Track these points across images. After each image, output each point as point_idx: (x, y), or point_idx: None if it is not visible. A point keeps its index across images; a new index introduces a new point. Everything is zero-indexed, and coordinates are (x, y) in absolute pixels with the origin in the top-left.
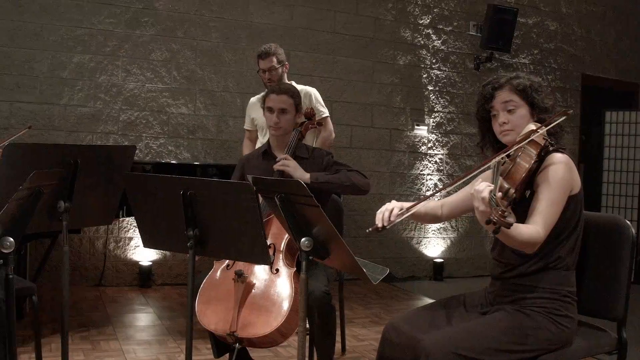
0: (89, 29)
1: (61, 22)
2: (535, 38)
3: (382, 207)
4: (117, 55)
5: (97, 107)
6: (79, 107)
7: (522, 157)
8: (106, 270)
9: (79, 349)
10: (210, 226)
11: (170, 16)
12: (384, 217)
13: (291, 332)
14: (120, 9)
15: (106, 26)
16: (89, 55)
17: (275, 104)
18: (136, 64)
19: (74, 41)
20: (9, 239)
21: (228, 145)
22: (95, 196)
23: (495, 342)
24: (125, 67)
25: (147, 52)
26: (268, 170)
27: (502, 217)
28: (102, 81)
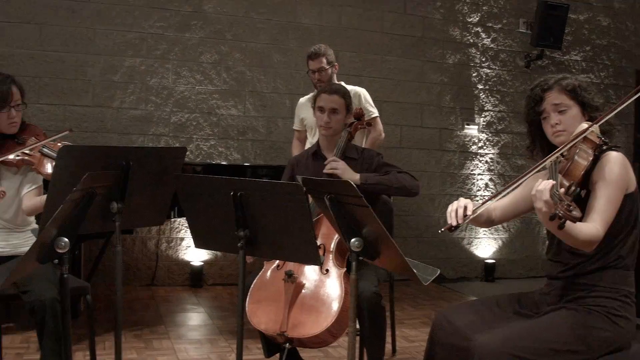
0: (139, 33)
1: (113, 27)
2: (587, 34)
3: (452, 205)
4: (168, 58)
5: (149, 110)
6: (131, 109)
7: (579, 154)
8: (158, 270)
9: (132, 347)
10: (260, 227)
11: (219, 19)
12: (458, 215)
13: (341, 333)
14: (170, 13)
15: (156, 30)
16: (140, 58)
17: (326, 103)
18: (186, 67)
19: (125, 45)
20: (63, 239)
21: (278, 146)
22: (146, 197)
23: (554, 342)
24: (175, 69)
25: (196, 54)
26: (318, 171)
27: (567, 210)
28: (153, 84)
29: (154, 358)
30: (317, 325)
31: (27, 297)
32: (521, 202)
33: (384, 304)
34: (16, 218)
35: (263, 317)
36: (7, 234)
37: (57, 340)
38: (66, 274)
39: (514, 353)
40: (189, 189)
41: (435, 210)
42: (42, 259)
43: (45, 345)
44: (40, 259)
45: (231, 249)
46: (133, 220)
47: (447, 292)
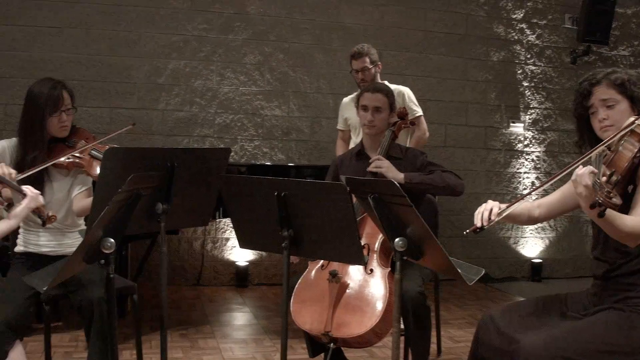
0: (183, 36)
1: (157, 30)
2: (635, 29)
3: (480, 207)
4: (211, 60)
5: (193, 111)
6: (176, 111)
7: (624, 145)
8: (204, 271)
9: (178, 346)
10: (304, 227)
11: (262, 20)
12: (484, 217)
13: (386, 333)
14: (213, 15)
15: (200, 32)
16: (184, 61)
17: (369, 102)
18: (230, 68)
19: (169, 48)
20: (109, 239)
21: (322, 146)
22: (191, 198)
23: (600, 343)
24: (219, 71)
25: (240, 56)
26: (362, 171)
27: (607, 197)
28: (197, 86)
29: (199, 357)
30: (362, 325)
31: (75, 296)
32: (569, 198)
33: (429, 304)
34: (66, 219)
35: (307, 317)
36: (57, 234)
37: (104, 339)
38: (112, 274)
39: (559, 354)
40: (233, 190)
41: None
42: (88, 259)
43: (92, 344)
44: (86, 260)
45: (275, 249)
46: (178, 221)
47: (494, 292)
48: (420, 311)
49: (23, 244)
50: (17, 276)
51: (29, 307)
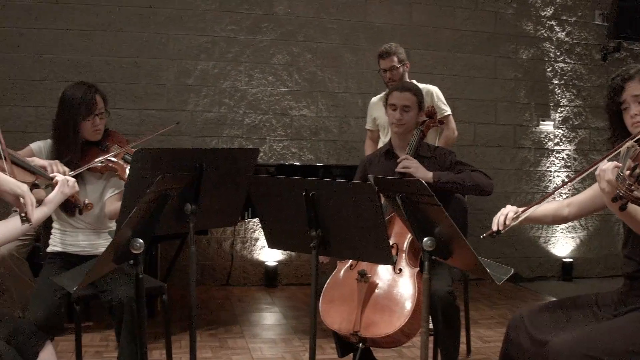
0: (211, 37)
1: (185, 32)
2: None
3: (500, 211)
4: (240, 61)
5: (222, 112)
6: (205, 112)
7: None
8: (233, 271)
9: (207, 346)
10: (332, 226)
11: (290, 20)
12: (499, 221)
13: (415, 333)
14: (241, 16)
15: (228, 33)
16: (213, 62)
17: (398, 101)
18: (258, 69)
19: (198, 49)
20: (138, 240)
21: (350, 146)
22: (220, 198)
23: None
24: (247, 72)
25: (268, 56)
26: (390, 170)
27: (629, 190)
28: (226, 86)
29: (228, 357)
30: (390, 325)
31: (105, 296)
32: (596, 198)
33: (458, 303)
34: (98, 221)
35: (336, 316)
36: (89, 235)
37: (134, 338)
38: (141, 274)
39: (589, 354)
40: (262, 190)
41: None
42: (117, 259)
43: (122, 343)
44: (116, 260)
45: (304, 249)
46: (207, 221)
47: (524, 292)
48: (449, 311)
49: (55, 244)
50: (49, 276)
51: (60, 307)
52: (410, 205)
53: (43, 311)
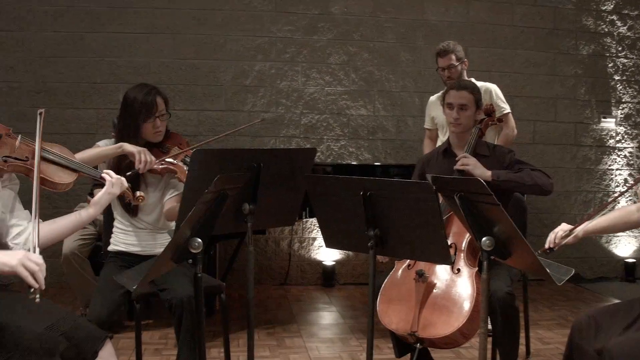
0: (268, 38)
1: (242, 33)
2: None
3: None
4: (297, 61)
5: (279, 112)
6: (262, 112)
7: None
8: (291, 270)
9: (265, 345)
10: (390, 226)
11: (346, 20)
12: (550, 239)
13: (473, 333)
14: (297, 17)
15: (285, 34)
16: (270, 62)
17: (455, 99)
18: (315, 69)
19: (255, 50)
20: (197, 239)
21: (408, 145)
22: (277, 198)
23: None
24: (304, 72)
25: (325, 56)
26: (448, 169)
27: None
28: (283, 87)
29: (286, 356)
30: (449, 325)
31: (165, 294)
32: None
33: (518, 304)
34: (158, 221)
35: (394, 316)
36: (148, 234)
37: (193, 336)
38: (200, 274)
39: None
40: (319, 189)
41: (570, 207)
42: (176, 258)
43: (182, 341)
44: (175, 259)
45: (361, 248)
46: (264, 220)
47: (585, 293)
48: (508, 311)
49: (116, 243)
50: (110, 275)
51: (121, 305)
52: (469, 204)
53: (104, 309)
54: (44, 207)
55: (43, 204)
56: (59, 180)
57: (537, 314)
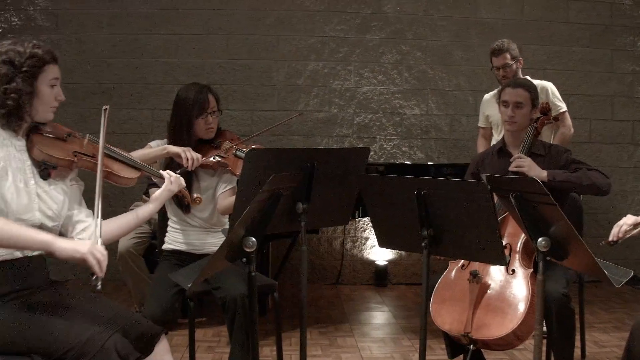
0: (321, 37)
1: (295, 33)
2: None
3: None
4: (349, 61)
5: (332, 112)
6: (315, 112)
7: None
8: (343, 269)
9: (317, 344)
10: (444, 226)
11: (399, 19)
12: (614, 232)
13: (527, 335)
14: (350, 16)
15: (337, 33)
16: (322, 62)
17: (510, 97)
18: (368, 68)
19: (307, 50)
20: (251, 238)
21: (461, 144)
22: (331, 198)
23: None
24: (357, 71)
25: (377, 55)
26: (503, 169)
27: None
28: (335, 86)
29: (337, 355)
30: (503, 327)
31: (219, 293)
32: None
33: (573, 306)
34: (211, 218)
35: (447, 317)
36: (202, 232)
37: (246, 334)
38: (253, 273)
39: None
40: (373, 189)
41: (628, 208)
42: (230, 257)
43: (235, 339)
44: (229, 258)
45: (415, 248)
46: (318, 220)
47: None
48: (563, 313)
49: (170, 241)
50: (164, 273)
51: (175, 303)
52: (525, 204)
53: (159, 307)
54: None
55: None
56: (124, 175)
57: (593, 317)
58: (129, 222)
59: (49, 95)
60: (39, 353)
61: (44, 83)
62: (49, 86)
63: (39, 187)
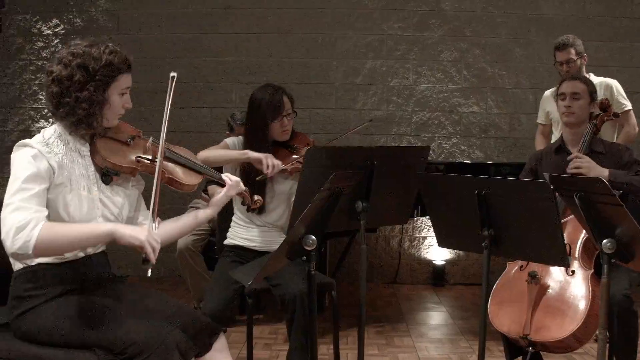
0: (379, 35)
1: (353, 31)
2: None
3: None
4: (407, 59)
5: (390, 110)
6: (373, 110)
7: None
8: (401, 269)
9: (374, 343)
10: (505, 226)
11: (457, 16)
12: None
13: (587, 338)
14: (408, 14)
15: (395, 31)
16: (380, 60)
17: (567, 89)
18: (426, 66)
19: (365, 48)
20: (311, 237)
21: (521, 143)
22: (391, 196)
23: None
24: (415, 69)
25: (436, 53)
26: (562, 167)
27: None
28: (394, 84)
29: (394, 355)
30: (562, 329)
31: (278, 290)
32: None
33: (636, 308)
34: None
35: (506, 319)
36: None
37: (304, 332)
38: (313, 271)
39: None
40: (433, 188)
41: None
42: (291, 255)
43: (294, 337)
44: (289, 256)
45: (475, 248)
46: (377, 219)
47: None
48: (626, 316)
49: (233, 237)
50: (225, 270)
51: (234, 299)
52: (589, 205)
53: (218, 303)
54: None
55: (160, 200)
56: (186, 182)
57: None
58: (186, 224)
59: (118, 103)
60: (101, 348)
61: (116, 92)
62: (120, 95)
63: (101, 192)
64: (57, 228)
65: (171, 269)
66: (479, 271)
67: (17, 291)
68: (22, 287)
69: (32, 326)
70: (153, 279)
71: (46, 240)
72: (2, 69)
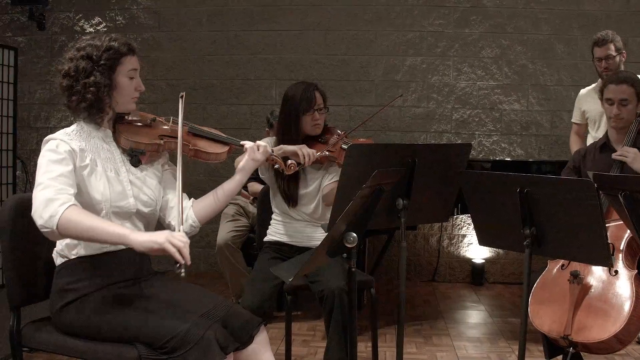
0: (419, 32)
1: (393, 28)
2: None
3: None
4: (448, 55)
5: (430, 107)
6: (413, 107)
7: None
8: (439, 267)
9: (412, 341)
10: (547, 225)
11: (499, 12)
12: None
13: (630, 340)
14: (448, 10)
15: (436, 27)
16: (421, 57)
17: (614, 94)
18: (467, 63)
19: (405, 44)
20: (352, 234)
21: (562, 141)
22: (431, 194)
23: None
24: (456, 66)
25: (477, 49)
26: (606, 165)
27: None
28: (434, 81)
29: (433, 354)
30: (604, 330)
31: (316, 287)
32: None
33: None
34: (315, 212)
35: (546, 318)
36: (305, 226)
37: (343, 330)
38: (353, 268)
39: None
40: (474, 186)
41: None
42: (332, 253)
43: (332, 333)
44: (330, 253)
45: (516, 247)
46: (417, 216)
47: None
48: None
49: (273, 233)
50: (264, 266)
51: (273, 295)
52: (635, 203)
53: (257, 298)
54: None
55: (203, 178)
56: (212, 151)
57: None
58: (218, 199)
59: (128, 86)
60: (142, 342)
61: (122, 74)
62: (128, 77)
63: (131, 174)
64: (82, 214)
65: (210, 265)
66: (518, 270)
67: (58, 285)
68: (63, 281)
69: (73, 319)
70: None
71: (71, 221)
72: (45, 66)
